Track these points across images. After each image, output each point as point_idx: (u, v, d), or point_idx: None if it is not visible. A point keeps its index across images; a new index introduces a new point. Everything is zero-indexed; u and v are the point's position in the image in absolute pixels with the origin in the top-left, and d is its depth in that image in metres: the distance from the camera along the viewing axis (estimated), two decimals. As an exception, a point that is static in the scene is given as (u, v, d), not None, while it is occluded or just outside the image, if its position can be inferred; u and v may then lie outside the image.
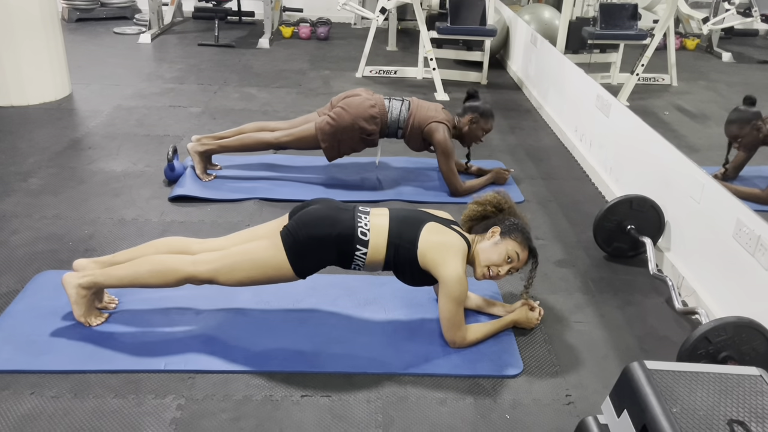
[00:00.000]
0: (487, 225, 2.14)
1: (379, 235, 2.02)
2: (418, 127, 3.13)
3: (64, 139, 3.65)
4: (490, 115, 3.21)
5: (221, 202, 2.99)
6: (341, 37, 6.63)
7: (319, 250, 2.00)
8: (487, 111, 3.20)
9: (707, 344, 1.82)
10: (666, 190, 2.67)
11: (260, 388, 1.88)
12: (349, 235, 2.00)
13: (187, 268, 1.98)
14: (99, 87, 4.61)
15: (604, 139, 3.40)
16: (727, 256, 2.23)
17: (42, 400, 1.80)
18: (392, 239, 2.02)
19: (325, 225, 2.00)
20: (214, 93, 4.61)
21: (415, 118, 3.12)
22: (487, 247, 2.07)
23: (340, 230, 2.00)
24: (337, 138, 3.08)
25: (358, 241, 2.00)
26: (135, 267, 2.02)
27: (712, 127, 4.10)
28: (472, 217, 2.20)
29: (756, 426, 1.25)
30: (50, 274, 2.35)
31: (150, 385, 1.87)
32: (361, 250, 2.01)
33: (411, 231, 2.03)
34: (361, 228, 2.01)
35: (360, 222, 2.03)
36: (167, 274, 1.99)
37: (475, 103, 3.21)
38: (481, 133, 3.23)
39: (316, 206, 2.08)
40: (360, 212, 2.07)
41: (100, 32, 6.31)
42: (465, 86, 5.10)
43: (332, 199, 2.17)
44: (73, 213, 2.84)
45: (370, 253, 2.02)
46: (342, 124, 3.05)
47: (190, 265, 1.98)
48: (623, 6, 4.65)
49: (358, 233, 2.01)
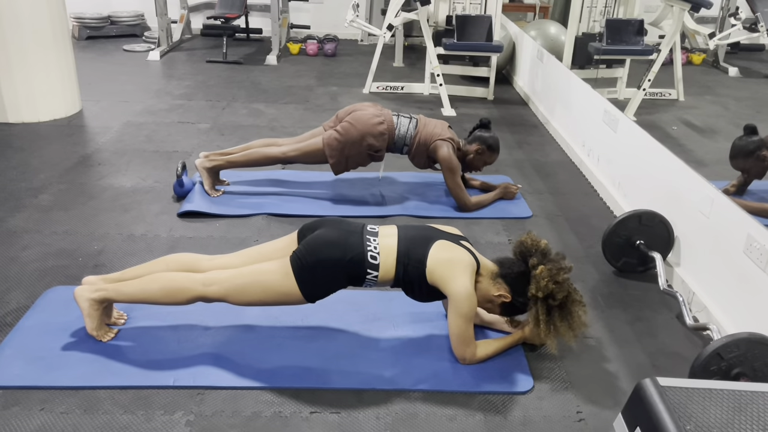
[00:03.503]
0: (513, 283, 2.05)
1: (389, 256, 2.02)
2: (424, 145, 3.13)
3: (75, 155, 3.68)
4: (496, 150, 3.22)
5: (230, 218, 3.00)
6: (348, 54, 6.68)
7: (328, 277, 2.00)
8: (494, 145, 3.21)
9: (719, 360, 1.80)
10: (675, 204, 2.67)
11: (269, 405, 1.88)
12: (360, 261, 1.99)
13: (198, 288, 1.99)
14: (109, 103, 4.65)
15: (612, 153, 3.40)
16: (738, 271, 2.21)
17: (52, 416, 1.80)
18: (401, 258, 2.02)
19: (335, 251, 1.99)
20: (223, 109, 4.64)
21: (421, 136, 3.13)
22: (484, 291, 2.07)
23: (351, 256, 1.99)
24: (345, 154, 3.09)
25: (369, 266, 2.00)
26: (145, 284, 2.03)
27: (720, 141, 4.10)
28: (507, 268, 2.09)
29: None
30: (60, 289, 2.36)
31: (159, 401, 1.87)
32: (372, 274, 2.01)
33: (420, 249, 2.03)
34: (371, 252, 2.01)
35: (369, 245, 2.02)
36: (177, 292, 2.00)
37: (485, 134, 3.21)
38: (482, 165, 3.24)
39: (325, 230, 2.06)
40: (369, 233, 2.06)
41: (110, 50, 6.38)
42: (472, 102, 5.13)
43: (341, 220, 2.15)
44: (83, 228, 2.86)
45: (380, 275, 2.02)
46: (350, 139, 3.06)
47: (200, 285, 1.99)
48: (629, 22, 4.67)
49: (368, 257, 2.00)
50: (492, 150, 3.21)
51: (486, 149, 3.19)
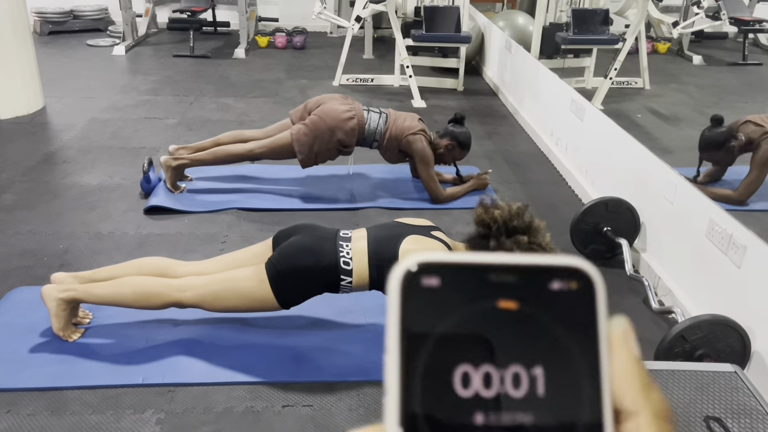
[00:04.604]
0: None
1: (361, 260, 2.00)
2: (395, 140, 3.12)
3: (38, 154, 3.61)
4: (466, 147, 3.23)
5: (198, 214, 2.96)
6: (317, 46, 6.64)
7: (303, 284, 1.99)
8: (465, 143, 3.21)
9: (683, 342, 1.84)
10: (641, 191, 2.71)
11: (241, 400, 1.87)
12: (333, 267, 1.98)
13: (172, 294, 1.98)
14: (73, 100, 4.56)
15: (580, 142, 3.44)
16: (701, 255, 2.26)
17: (18, 418, 1.77)
18: (372, 260, 2.00)
19: (309, 258, 1.98)
20: (190, 104, 4.58)
21: (392, 131, 3.12)
22: None
23: (325, 263, 1.97)
24: (314, 150, 3.06)
25: (342, 272, 1.99)
26: (118, 288, 2.01)
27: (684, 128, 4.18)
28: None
29: (732, 422, 1.27)
30: (25, 290, 2.32)
31: (129, 400, 1.85)
32: (346, 280, 2.00)
33: (390, 248, 2.01)
34: (343, 258, 1.99)
35: (342, 251, 2.00)
36: (151, 297, 1.99)
37: (457, 130, 3.21)
38: (451, 160, 3.24)
39: (300, 236, 2.05)
40: (342, 239, 2.05)
41: (73, 45, 6.25)
42: (442, 93, 5.14)
43: (316, 226, 2.13)
44: (48, 228, 2.80)
45: (354, 281, 2.00)
46: (319, 135, 3.03)
47: (174, 291, 1.98)
48: (595, 11, 4.72)
49: (341, 263, 1.99)
50: (462, 146, 3.21)
51: (456, 145, 3.19)
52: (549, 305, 0.30)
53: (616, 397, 0.30)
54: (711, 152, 2.98)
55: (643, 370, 0.31)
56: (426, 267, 0.29)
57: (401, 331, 0.28)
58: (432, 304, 0.29)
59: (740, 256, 2.05)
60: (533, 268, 0.30)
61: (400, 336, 0.28)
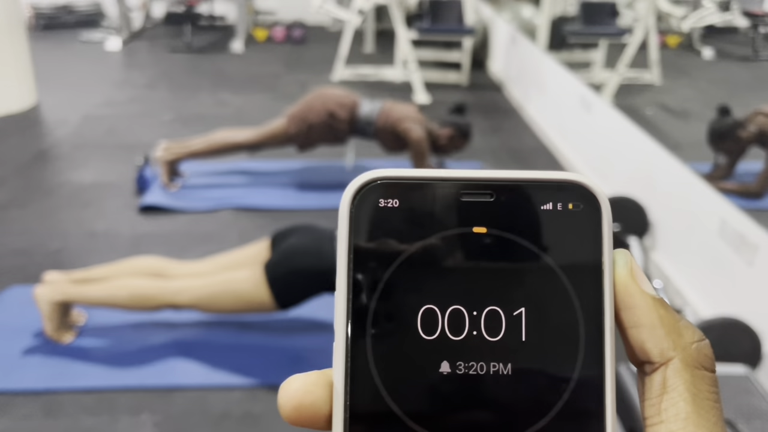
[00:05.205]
0: None
1: None
2: (392, 125, 3.05)
3: (31, 150, 3.54)
4: (467, 137, 3.17)
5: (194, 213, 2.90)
6: (317, 40, 6.57)
7: (302, 286, 1.96)
8: (467, 132, 3.15)
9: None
10: (651, 188, 2.65)
11: (240, 403, 1.82)
12: (332, 267, 1.93)
13: (168, 297, 1.94)
14: (67, 96, 4.49)
15: (588, 138, 3.38)
16: (713, 254, 2.20)
17: (12, 420, 1.72)
18: None
19: (308, 259, 1.94)
20: (186, 99, 4.51)
21: (388, 115, 3.05)
22: None
23: (325, 264, 1.94)
24: (307, 122, 3.01)
25: None
26: (113, 290, 1.97)
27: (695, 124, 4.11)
28: None
29: (743, 425, 1.24)
30: (18, 290, 2.27)
31: (125, 403, 1.80)
32: None
33: None
34: None
35: None
36: (147, 300, 1.95)
37: (460, 121, 3.15)
38: (452, 150, 3.18)
39: (298, 238, 2.02)
40: None
41: (67, 39, 6.18)
42: (445, 88, 5.08)
43: (314, 227, 2.09)
44: (41, 226, 2.74)
45: None
46: (313, 108, 2.99)
47: (170, 294, 1.95)
48: (603, 3, 4.65)
49: None
50: (464, 137, 3.15)
51: (459, 135, 3.13)
52: (536, 231, 0.24)
53: (639, 350, 0.26)
54: (719, 142, 2.95)
55: (667, 311, 0.26)
56: (384, 184, 0.24)
57: (351, 262, 0.24)
58: (392, 229, 0.24)
59: (752, 255, 1.99)
60: (518, 184, 0.26)
61: (350, 267, 0.24)
